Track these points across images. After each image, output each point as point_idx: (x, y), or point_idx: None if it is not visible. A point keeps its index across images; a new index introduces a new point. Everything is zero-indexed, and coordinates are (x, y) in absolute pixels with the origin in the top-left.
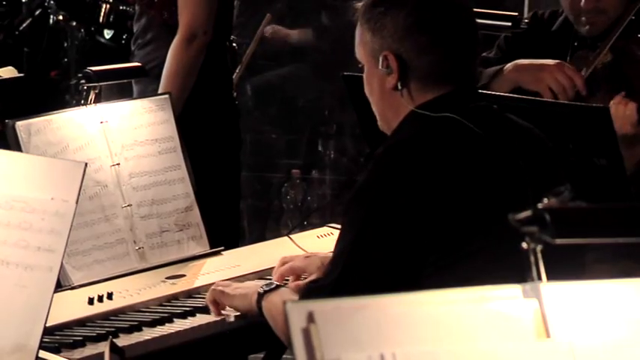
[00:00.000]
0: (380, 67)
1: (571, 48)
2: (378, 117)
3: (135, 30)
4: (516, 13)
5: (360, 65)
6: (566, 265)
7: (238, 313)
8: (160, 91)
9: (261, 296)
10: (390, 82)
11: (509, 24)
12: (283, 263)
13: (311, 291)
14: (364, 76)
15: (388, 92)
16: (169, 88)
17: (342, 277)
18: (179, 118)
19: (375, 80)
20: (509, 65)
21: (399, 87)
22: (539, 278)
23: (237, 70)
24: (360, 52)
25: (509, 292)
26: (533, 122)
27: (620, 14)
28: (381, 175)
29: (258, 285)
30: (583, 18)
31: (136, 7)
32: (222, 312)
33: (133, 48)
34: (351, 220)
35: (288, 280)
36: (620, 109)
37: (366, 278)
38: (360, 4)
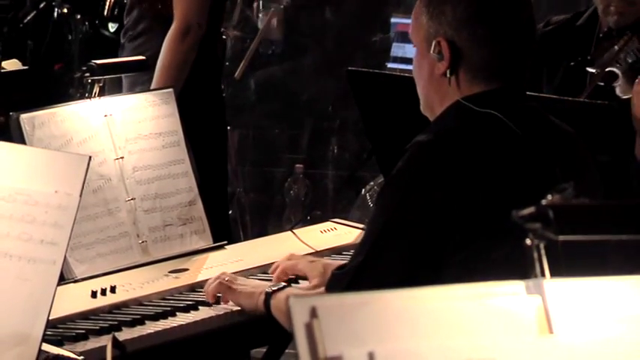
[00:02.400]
0: (431, 52)
1: (595, 39)
2: (421, 100)
3: (125, 22)
4: None
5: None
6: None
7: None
8: (153, 84)
9: (269, 295)
10: (439, 69)
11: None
12: (289, 259)
13: (335, 277)
14: (414, 57)
15: (437, 78)
16: (163, 80)
17: (366, 262)
18: None
19: (425, 63)
20: None
21: (448, 75)
22: (543, 275)
23: (240, 65)
24: (413, 33)
25: (512, 289)
26: None
27: None
28: (421, 165)
29: (264, 284)
30: (612, 7)
31: (127, 0)
32: (224, 305)
33: (122, 40)
34: (385, 203)
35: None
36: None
37: (388, 265)
38: None
